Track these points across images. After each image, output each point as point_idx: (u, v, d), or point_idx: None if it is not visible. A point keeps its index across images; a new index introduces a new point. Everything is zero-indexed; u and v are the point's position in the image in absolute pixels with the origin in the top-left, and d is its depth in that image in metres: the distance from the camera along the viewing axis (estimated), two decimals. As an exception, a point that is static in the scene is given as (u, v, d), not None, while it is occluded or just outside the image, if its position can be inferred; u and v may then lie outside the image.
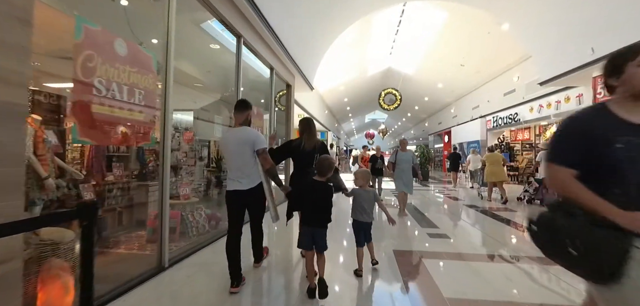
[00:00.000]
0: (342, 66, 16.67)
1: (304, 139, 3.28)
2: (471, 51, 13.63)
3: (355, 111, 29.77)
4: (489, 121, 14.96)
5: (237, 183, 2.76)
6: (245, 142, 2.77)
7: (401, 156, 6.46)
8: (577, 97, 9.41)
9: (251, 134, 2.81)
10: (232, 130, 2.93)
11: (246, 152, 2.76)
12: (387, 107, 19.82)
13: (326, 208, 2.69)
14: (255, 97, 6.85)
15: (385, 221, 3.50)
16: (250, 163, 2.78)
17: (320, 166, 2.74)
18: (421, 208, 7.63)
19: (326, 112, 22.29)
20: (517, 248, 4.42)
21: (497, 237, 5.12)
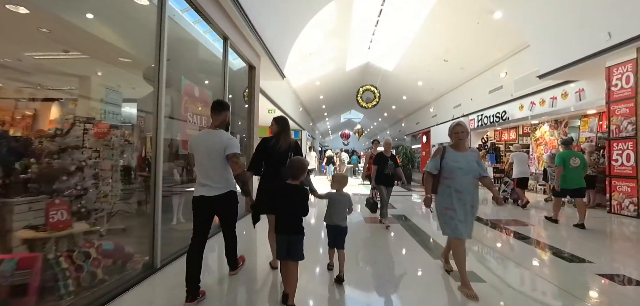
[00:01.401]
0: (319, 59, 15.06)
1: (281, 138, 3.14)
2: (456, 46, 12.59)
3: (331, 110, 28.33)
4: (472, 120, 14.04)
5: (204, 188, 2.61)
6: (217, 146, 2.60)
7: (455, 159, 2.94)
8: (576, 93, 8.46)
9: (224, 137, 2.64)
10: (205, 132, 2.76)
11: (217, 157, 2.60)
12: (365, 105, 18.52)
13: (302, 213, 2.49)
14: (198, 78, 5.02)
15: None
16: (221, 168, 2.63)
17: (292, 168, 2.55)
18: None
19: (300, 110, 20.59)
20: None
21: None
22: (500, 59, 11.84)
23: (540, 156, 10.48)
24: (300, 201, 2.47)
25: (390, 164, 5.33)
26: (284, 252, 2.43)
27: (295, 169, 2.52)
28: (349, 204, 3.12)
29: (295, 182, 2.52)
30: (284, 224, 2.46)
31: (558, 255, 3.97)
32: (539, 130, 10.59)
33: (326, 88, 19.86)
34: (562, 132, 9.67)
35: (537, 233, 5.18)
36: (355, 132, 31.74)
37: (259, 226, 3.23)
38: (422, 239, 4.76)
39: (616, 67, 6.42)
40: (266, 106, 13.65)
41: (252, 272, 3.25)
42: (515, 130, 12.38)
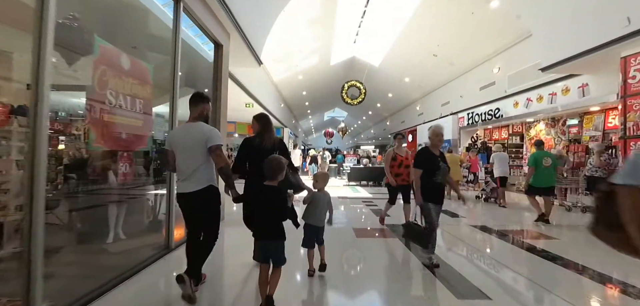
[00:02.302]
0: (301, 50, 13.91)
1: (265, 136, 2.97)
2: (446, 40, 11.81)
3: (314, 107, 27.22)
4: (461, 118, 13.35)
5: (184, 183, 2.49)
6: (198, 139, 2.48)
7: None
8: (579, 88, 7.79)
9: (204, 130, 2.51)
10: (184, 126, 2.61)
11: (199, 150, 2.47)
12: (351, 101, 17.56)
13: (279, 216, 2.32)
14: (131, 45, 3.80)
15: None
16: (202, 162, 2.49)
17: (268, 168, 2.34)
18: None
19: (282, 106, 19.35)
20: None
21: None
22: (492, 53, 11.15)
23: (535, 156, 9.81)
24: (278, 203, 2.31)
25: (442, 168, 3.37)
26: (263, 257, 2.31)
27: (272, 168, 2.33)
28: (329, 203, 3.07)
29: (273, 183, 2.34)
30: (263, 230, 2.33)
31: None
32: (534, 129, 9.94)
33: (309, 83, 18.73)
34: (559, 130, 9.03)
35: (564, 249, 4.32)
36: (339, 131, 30.82)
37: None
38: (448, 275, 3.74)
39: (634, 56, 5.69)
40: (243, 99, 12.37)
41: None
42: (506, 129, 11.75)
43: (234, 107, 13.92)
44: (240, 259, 3.45)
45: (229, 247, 4.21)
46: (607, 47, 5.96)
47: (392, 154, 4.98)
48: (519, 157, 10.93)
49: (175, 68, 3.84)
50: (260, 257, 2.34)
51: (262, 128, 3.01)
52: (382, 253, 4.03)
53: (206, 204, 2.52)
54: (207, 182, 2.49)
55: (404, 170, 4.84)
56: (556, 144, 9.07)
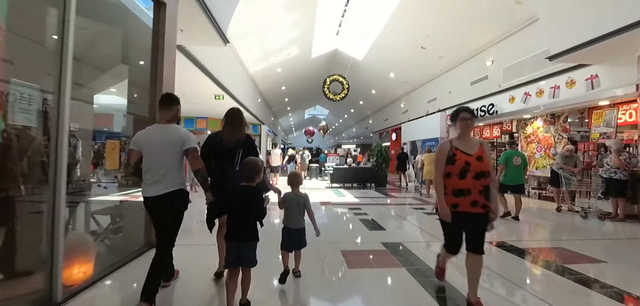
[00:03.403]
0: (280, 39, 12.49)
1: (225, 133, 2.73)
2: (435, 32, 10.85)
3: (294, 104, 25.79)
4: (449, 115, 12.44)
5: (151, 187, 2.36)
6: (172, 142, 2.39)
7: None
8: (587, 80, 6.95)
9: (180, 132, 2.44)
10: (156, 128, 2.49)
11: (173, 153, 2.40)
12: (333, 97, 16.30)
13: (257, 217, 2.29)
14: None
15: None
16: (174, 165, 2.41)
17: (245, 169, 2.32)
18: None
19: (259, 101, 17.80)
20: None
21: None
22: (485, 45, 10.29)
23: (532, 155, 9.01)
24: (256, 204, 2.28)
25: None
26: (235, 260, 2.21)
27: (249, 170, 2.30)
28: (306, 204, 2.88)
29: (250, 183, 2.29)
30: (237, 231, 2.23)
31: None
32: (531, 126, 9.12)
33: (289, 77, 17.31)
34: (560, 127, 8.22)
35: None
36: (320, 130, 29.59)
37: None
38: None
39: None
40: (212, 90, 10.79)
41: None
42: (499, 126, 10.94)
43: (203, 100, 12.28)
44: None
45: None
46: (628, 31, 5.05)
47: (447, 149, 2.42)
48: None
49: (65, 20, 2.38)
50: (231, 261, 2.23)
51: (224, 124, 2.80)
52: (391, 298, 2.77)
53: (174, 207, 2.43)
54: (178, 185, 2.43)
55: (474, 184, 2.31)
56: (556, 143, 8.26)
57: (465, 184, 2.29)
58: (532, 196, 8.84)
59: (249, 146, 2.78)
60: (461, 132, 2.45)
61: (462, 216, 2.32)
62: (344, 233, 4.86)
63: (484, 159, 2.33)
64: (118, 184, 4.74)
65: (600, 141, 6.94)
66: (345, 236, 4.59)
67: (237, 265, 2.21)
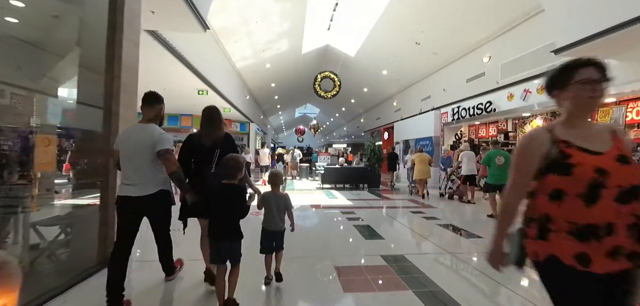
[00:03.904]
0: (268, 31, 11.79)
1: (203, 132, 2.65)
2: (430, 27, 10.40)
3: (284, 102, 25.07)
4: (445, 113, 12.03)
5: (130, 187, 2.32)
6: (145, 142, 2.33)
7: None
8: (593, 75, 6.54)
9: (154, 133, 2.35)
10: (135, 127, 2.47)
11: (146, 153, 2.33)
12: (324, 94, 15.70)
13: (240, 214, 2.23)
14: None
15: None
16: (150, 166, 2.34)
17: (225, 167, 2.25)
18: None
19: (247, 98, 17.04)
20: None
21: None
22: (483, 40, 9.85)
23: (531, 155, 8.61)
24: (238, 202, 2.24)
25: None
26: (219, 257, 2.19)
27: (229, 167, 2.24)
28: (287, 206, 2.76)
29: (232, 181, 2.24)
30: (220, 229, 2.19)
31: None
32: (530, 124, 8.73)
33: (279, 74, 16.62)
34: (562, 126, 7.83)
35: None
36: (311, 128, 28.94)
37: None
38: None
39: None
40: (194, 85, 10.02)
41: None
42: (495, 125, 10.55)
43: (185, 95, 11.48)
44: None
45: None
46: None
47: (545, 142, 1.24)
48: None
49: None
50: (216, 259, 2.22)
51: (201, 122, 2.69)
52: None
53: (158, 208, 2.40)
54: (159, 186, 2.38)
55: (617, 212, 1.10)
56: (558, 142, 7.87)
57: (600, 213, 1.09)
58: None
59: (228, 146, 2.63)
60: (577, 111, 1.24)
61: (596, 282, 1.09)
62: (337, 242, 4.26)
63: (629, 160, 1.15)
64: (73, 187, 4.01)
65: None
66: (338, 248, 3.99)
67: (223, 262, 2.20)
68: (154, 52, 7.12)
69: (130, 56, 3.53)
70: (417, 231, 5.00)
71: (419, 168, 8.79)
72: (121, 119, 3.34)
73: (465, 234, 4.70)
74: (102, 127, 3.31)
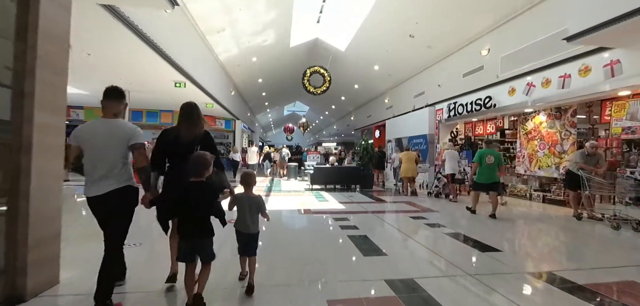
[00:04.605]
0: (253, 22, 10.85)
1: (182, 129, 2.54)
2: (425, 18, 9.73)
3: (272, 99, 24.10)
4: (440, 110, 11.41)
5: (98, 185, 2.23)
6: (120, 137, 2.29)
7: None
8: (606, 66, 5.96)
9: (127, 127, 2.34)
10: (101, 121, 2.32)
11: (119, 148, 2.29)
12: (314, 90, 14.84)
13: (209, 212, 2.18)
14: None
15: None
16: (122, 162, 2.31)
17: (192, 165, 2.19)
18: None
19: (233, 94, 16.02)
20: None
21: None
22: (481, 32, 9.24)
23: (533, 153, 8.05)
24: (206, 199, 2.17)
25: None
26: (189, 255, 2.14)
27: (196, 165, 2.19)
28: (259, 207, 2.64)
29: (200, 179, 2.19)
30: (189, 227, 2.13)
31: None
32: (533, 121, 8.15)
33: (266, 68, 15.67)
34: (568, 122, 7.27)
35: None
36: (300, 127, 28.04)
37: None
38: None
39: None
40: (170, 76, 9.02)
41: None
42: (493, 122, 9.97)
43: (160, 89, 10.41)
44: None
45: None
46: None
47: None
48: (510, 156, 9.17)
49: None
50: (185, 257, 2.15)
51: (179, 118, 2.58)
52: None
53: (123, 204, 2.31)
54: (126, 181, 2.32)
55: None
56: (563, 139, 7.31)
57: None
58: (535, 199, 7.86)
59: (208, 144, 2.59)
60: None
61: None
62: (329, 261, 3.45)
63: None
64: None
65: (624, 137, 5.97)
66: (331, 269, 3.18)
67: (193, 259, 2.15)
68: (120, 34, 6.15)
69: (54, 22, 2.62)
70: (424, 244, 4.24)
71: (406, 166, 8.83)
72: (38, 104, 2.44)
73: (480, 246, 3.98)
74: (10, 112, 2.40)
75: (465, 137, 10.79)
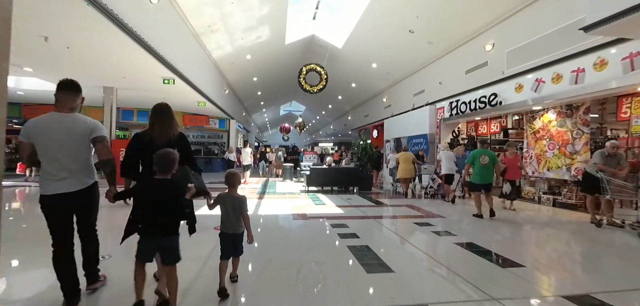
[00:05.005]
0: (246, 18, 10.31)
1: (155, 130, 2.40)
2: (425, 12, 9.27)
3: (268, 98, 23.54)
4: (441, 109, 10.94)
5: (61, 182, 2.12)
6: (81, 131, 2.21)
7: None
8: (625, 59, 5.50)
9: (88, 121, 2.26)
10: (57, 116, 2.19)
11: (81, 144, 2.21)
12: (310, 88, 14.30)
13: (174, 210, 2.07)
14: None
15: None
16: (84, 158, 2.25)
17: (157, 162, 2.08)
18: None
19: (227, 92, 15.45)
20: None
21: None
22: (485, 26, 8.78)
23: (542, 153, 7.59)
24: (171, 196, 2.09)
25: None
26: (148, 254, 2.05)
27: (161, 162, 2.10)
28: (242, 207, 2.52)
29: (165, 176, 2.11)
30: (151, 225, 2.03)
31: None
32: (541, 119, 7.70)
33: (261, 66, 15.13)
34: (580, 120, 6.82)
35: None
36: (296, 127, 27.50)
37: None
38: None
39: None
40: (159, 73, 8.45)
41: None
42: (497, 121, 9.52)
43: (148, 86, 9.81)
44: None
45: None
46: None
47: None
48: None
49: None
50: (144, 255, 2.04)
51: (151, 120, 2.45)
52: None
53: (91, 202, 2.31)
54: (91, 178, 2.29)
55: None
56: (575, 138, 6.86)
57: None
58: (544, 202, 7.39)
59: (184, 147, 2.43)
60: None
61: None
62: (327, 279, 2.91)
63: None
64: None
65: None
66: (329, 292, 2.65)
67: (151, 259, 2.09)
68: (103, 27, 5.63)
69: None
70: (435, 257, 3.71)
71: (403, 167, 8.71)
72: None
73: (499, 260, 3.47)
74: None
75: (468, 136, 10.32)
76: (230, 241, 2.50)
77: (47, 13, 5.31)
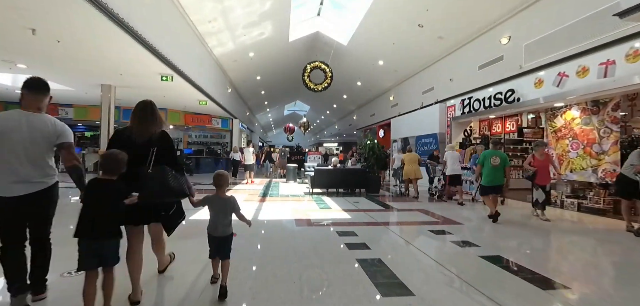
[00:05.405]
0: (248, 12, 9.87)
1: (133, 127, 2.30)
2: (436, 5, 8.74)
3: (272, 98, 23.14)
4: (451, 106, 10.38)
5: (19, 185, 2.01)
6: (46, 133, 2.11)
7: None
8: (664, 49, 4.92)
9: (56, 124, 2.18)
10: (21, 114, 2.08)
11: (44, 145, 2.12)
12: (314, 86, 13.83)
13: (115, 211, 2.00)
14: None
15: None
16: (48, 159, 2.17)
17: (106, 161, 2.03)
18: None
19: (229, 91, 15.05)
20: None
21: None
22: (500, 18, 8.21)
23: (564, 153, 7.01)
24: (113, 199, 2.00)
25: None
26: (92, 260, 1.92)
27: (109, 164, 2.03)
28: (234, 208, 2.49)
29: (111, 177, 2.03)
30: (90, 226, 1.91)
31: None
32: (563, 117, 7.11)
33: (264, 65, 14.70)
34: (608, 117, 6.23)
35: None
36: (300, 127, 27.06)
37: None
38: None
39: None
40: (156, 69, 8.04)
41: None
42: (513, 120, 8.94)
43: (145, 83, 9.38)
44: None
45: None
46: None
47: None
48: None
49: None
50: (86, 263, 1.92)
51: (131, 116, 2.35)
52: None
53: (47, 205, 2.19)
54: (52, 179, 2.19)
55: None
56: (602, 138, 6.27)
57: None
58: (568, 206, 6.80)
59: (166, 146, 2.32)
60: None
61: None
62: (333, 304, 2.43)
63: None
64: None
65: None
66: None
67: (97, 265, 1.95)
68: (100, 21, 5.22)
69: None
70: (459, 275, 3.18)
71: (408, 167, 8.49)
72: None
73: (538, 281, 2.95)
74: None
75: (481, 136, 9.74)
76: (215, 243, 2.45)
77: (32, 2, 4.91)
